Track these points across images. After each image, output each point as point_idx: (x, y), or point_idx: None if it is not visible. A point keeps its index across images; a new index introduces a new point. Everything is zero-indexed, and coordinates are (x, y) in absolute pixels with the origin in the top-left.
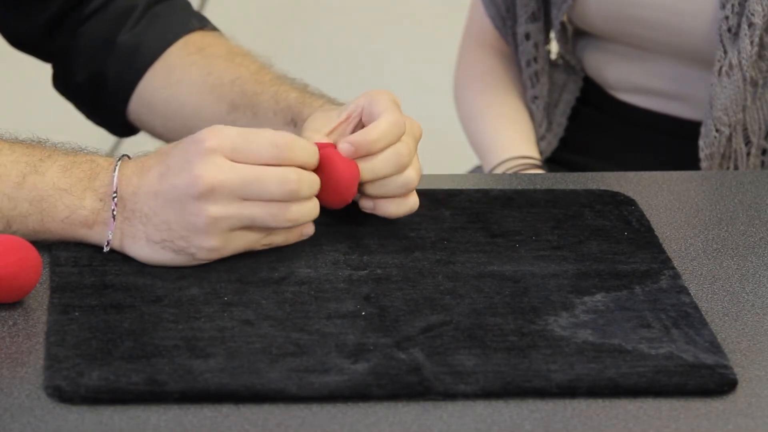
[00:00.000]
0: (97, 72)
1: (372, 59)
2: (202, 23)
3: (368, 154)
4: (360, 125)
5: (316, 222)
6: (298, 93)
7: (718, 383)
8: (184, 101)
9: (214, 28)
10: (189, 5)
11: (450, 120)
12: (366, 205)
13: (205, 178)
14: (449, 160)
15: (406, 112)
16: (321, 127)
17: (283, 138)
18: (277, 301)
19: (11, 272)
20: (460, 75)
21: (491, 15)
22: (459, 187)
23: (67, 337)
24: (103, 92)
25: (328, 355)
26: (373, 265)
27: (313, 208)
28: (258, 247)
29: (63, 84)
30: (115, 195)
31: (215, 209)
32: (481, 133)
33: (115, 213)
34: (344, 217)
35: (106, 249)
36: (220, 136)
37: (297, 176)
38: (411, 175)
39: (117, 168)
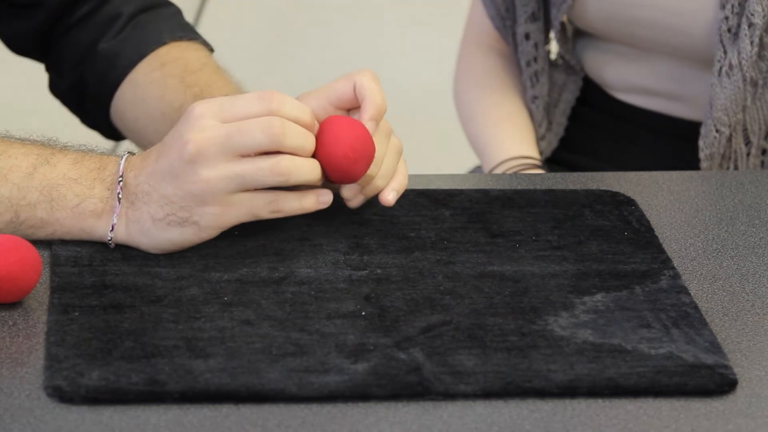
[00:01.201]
0: (79, 79)
1: (372, 59)
2: (177, 34)
3: (381, 115)
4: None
5: (316, 222)
6: None
7: (718, 383)
8: (146, 123)
9: (193, 38)
10: (176, 13)
11: (450, 120)
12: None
13: (191, 141)
14: (449, 160)
15: (407, 111)
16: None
17: (270, 92)
18: (277, 301)
19: (11, 272)
20: (460, 75)
21: (491, 15)
22: (459, 187)
23: (67, 337)
24: (87, 99)
25: (328, 355)
26: (373, 265)
27: (309, 164)
28: (266, 214)
29: (55, 88)
30: (120, 179)
31: (206, 171)
32: (481, 133)
33: (120, 197)
34: (344, 217)
35: (109, 238)
36: (208, 102)
37: (281, 122)
38: (398, 141)
39: (124, 158)
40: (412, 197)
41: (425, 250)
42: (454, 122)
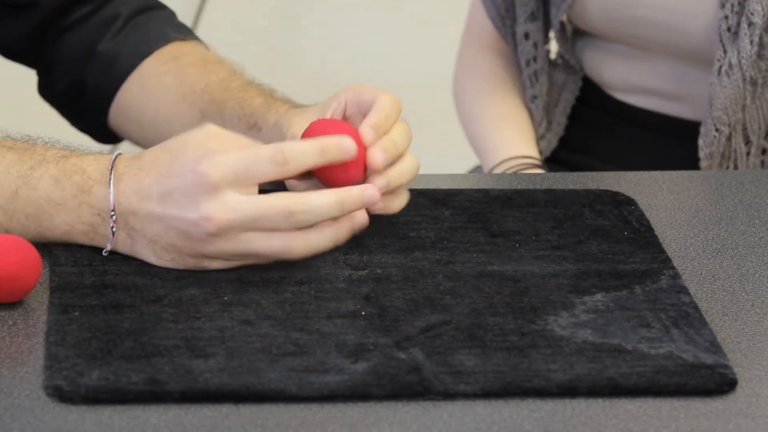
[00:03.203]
0: (77, 80)
1: (372, 59)
2: (181, 34)
3: (385, 133)
4: (344, 119)
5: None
6: (263, 98)
7: (718, 383)
8: (157, 110)
9: (194, 38)
10: (172, 16)
11: (450, 120)
12: (376, 204)
13: (213, 220)
14: (449, 160)
15: (407, 111)
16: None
17: (281, 152)
18: (277, 301)
19: (11, 272)
20: (460, 75)
21: (491, 15)
22: (459, 187)
23: (67, 337)
24: (83, 100)
25: (328, 354)
26: (373, 265)
27: (319, 239)
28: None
29: (46, 91)
30: (113, 213)
31: (225, 244)
32: (481, 132)
33: (114, 230)
34: None
35: (105, 253)
36: (221, 166)
37: (301, 207)
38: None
39: (111, 183)
40: (412, 197)
41: (425, 250)
42: (454, 122)
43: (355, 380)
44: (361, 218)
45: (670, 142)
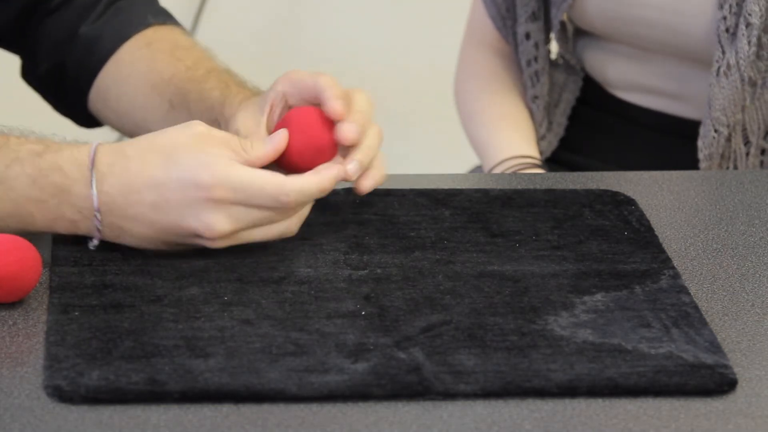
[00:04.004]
0: (59, 63)
1: (372, 59)
2: (161, 18)
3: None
4: (287, 107)
5: (316, 222)
6: (219, 92)
7: (718, 383)
8: (132, 97)
9: (173, 23)
10: (153, 1)
11: (450, 120)
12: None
13: (215, 231)
14: (449, 160)
15: (407, 111)
16: (252, 127)
17: (286, 195)
18: (277, 301)
19: (11, 272)
20: (461, 75)
21: (492, 15)
22: (459, 187)
23: (67, 337)
24: (65, 84)
25: (328, 354)
26: (373, 265)
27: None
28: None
29: (29, 75)
30: (97, 213)
31: (223, 243)
32: (481, 132)
33: (100, 227)
34: (344, 216)
35: (92, 247)
36: (224, 185)
37: (297, 197)
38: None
39: (93, 184)
40: (412, 197)
41: (425, 250)
42: (454, 122)
43: (355, 380)
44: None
45: (670, 142)
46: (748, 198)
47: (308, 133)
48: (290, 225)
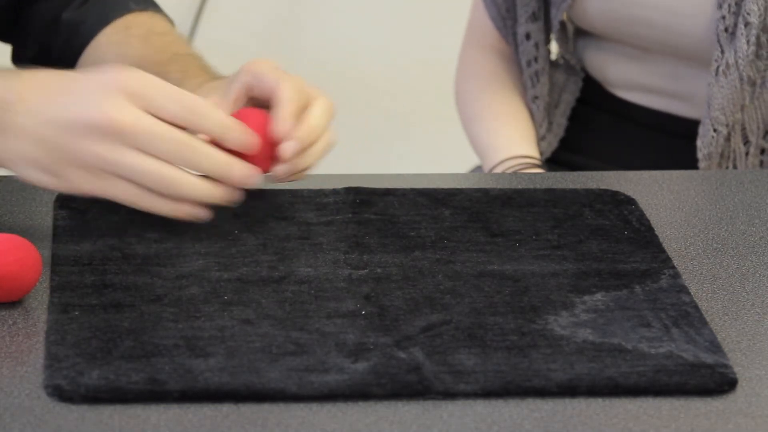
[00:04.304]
0: (45, 47)
1: (372, 59)
2: (142, 5)
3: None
4: (250, 102)
5: (316, 221)
6: (180, 74)
7: (718, 382)
8: None
9: (156, 11)
10: None
11: (450, 120)
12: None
13: (113, 119)
14: (449, 160)
15: (407, 111)
16: None
17: (194, 100)
18: (277, 300)
19: (11, 272)
20: (461, 75)
21: (492, 15)
22: (459, 187)
23: (67, 336)
24: (51, 67)
25: (328, 354)
26: (373, 265)
27: (208, 189)
28: (133, 203)
29: (18, 60)
30: None
31: (104, 149)
32: (482, 132)
33: None
34: (344, 216)
35: None
36: (132, 76)
37: (197, 145)
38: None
39: None
40: (412, 197)
41: (425, 250)
42: (454, 122)
43: (355, 380)
44: (235, 193)
45: (670, 142)
46: (748, 198)
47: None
48: (163, 180)
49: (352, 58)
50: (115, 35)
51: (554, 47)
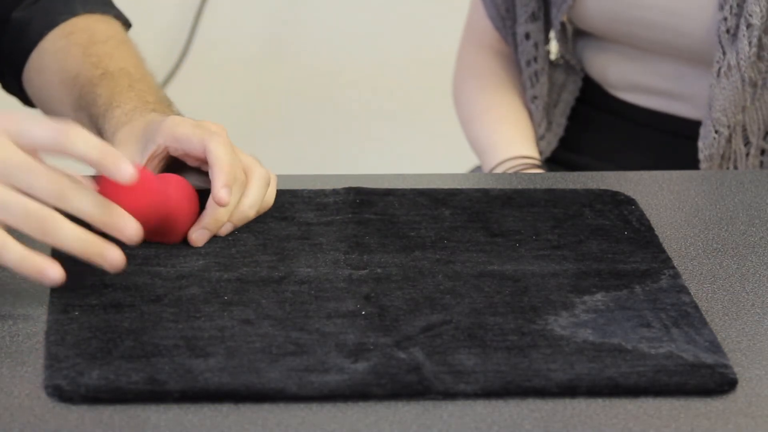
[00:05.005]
0: None
1: (371, 59)
2: (89, 7)
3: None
4: (167, 158)
5: (316, 221)
6: (105, 99)
7: (718, 383)
8: (49, 91)
9: (105, 12)
10: None
11: (450, 120)
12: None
13: None
14: (449, 160)
15: (407, 111)
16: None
17: (66, 130)
18: (277, 301)
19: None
20: (460, 75)
21: (491, 15)
22: (459, 187)
23: (67, 337)
24: (2, 67)
25: (328, 354)
26: (373, 265)
27: (77, 236)
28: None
29: None
30: None
31: None
32: (481, 133)
33: None
34: (344, 216)
35: None
36: (6, 116)
37: (71, 183)
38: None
39: None
40: (412, 197)
41: (425, 250)
42: (454, 122)
43: (355, 380)
44: (114, 257)
45: (670, 142)
46: (748, 198)
47: (172, 203)
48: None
49: (352, 58)
50: (59, 41)
51: (554, 47)
